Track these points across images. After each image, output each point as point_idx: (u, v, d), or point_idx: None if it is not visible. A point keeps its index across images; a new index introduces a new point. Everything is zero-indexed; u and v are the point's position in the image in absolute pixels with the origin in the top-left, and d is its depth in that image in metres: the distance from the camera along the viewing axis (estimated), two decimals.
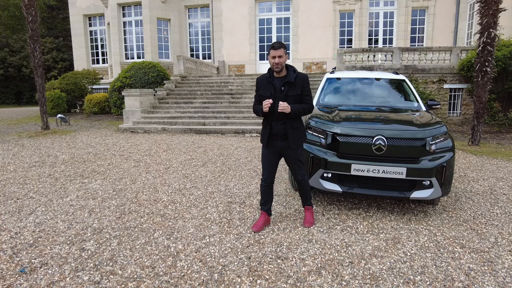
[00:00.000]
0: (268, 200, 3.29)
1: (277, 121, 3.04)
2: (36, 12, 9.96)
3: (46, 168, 5.74)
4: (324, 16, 15.81)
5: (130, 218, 3.56)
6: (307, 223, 3.33)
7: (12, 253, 2.82)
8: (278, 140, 3.10)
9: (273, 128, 3.07)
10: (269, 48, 2.98)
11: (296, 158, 3.17)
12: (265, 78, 3.10)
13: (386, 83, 5.20)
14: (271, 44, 2.95)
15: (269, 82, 3.06)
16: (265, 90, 3.05)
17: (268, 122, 3.09)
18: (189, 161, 6.22)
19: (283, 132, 3.06)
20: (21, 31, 19.24)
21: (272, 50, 2.92)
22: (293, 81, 2.99)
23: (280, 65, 2.92)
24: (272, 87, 3.03)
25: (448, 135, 3.65)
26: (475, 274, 2.53)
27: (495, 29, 7.54)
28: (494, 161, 6.34)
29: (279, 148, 3.12)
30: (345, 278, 2.46)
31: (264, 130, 3.14)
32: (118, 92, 12.92)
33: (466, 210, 3.83)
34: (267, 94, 3.04)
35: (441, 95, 11.07)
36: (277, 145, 3.11)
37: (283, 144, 3.09)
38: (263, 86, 3.08)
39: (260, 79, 3.14)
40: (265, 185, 3.24)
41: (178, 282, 2.41)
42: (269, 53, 2.96)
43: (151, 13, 15.75)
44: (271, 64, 2.97)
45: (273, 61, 2.93)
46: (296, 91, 3.01)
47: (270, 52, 2.94)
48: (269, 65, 3.03)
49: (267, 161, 3.19)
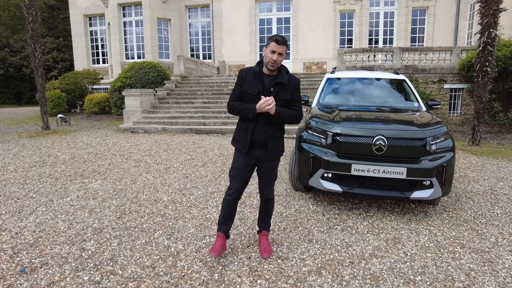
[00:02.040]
0: (230, 219, 2.74)
1: (260, 126, 2.55)
2: (36, 12, 9.97)
3: (46, 168, 5.74)
4: (324, 16, 15.80)
5: (130, 218, 3.56)
6: (267, 252, 2.75)
7: (13, 253, 2.82)
8: (257, 149, 2.60)
9: (255, 134, 2.56)
10: (269, 39, 2.47)
11: (273, 172, 2.71)
12: (252, 72, 2.56)
13: (387, 83, 5.20)
14: (274, 37, 2.44)
15: (257, 77, 2.54)
16: (252, 87, 2.52)
17: (250, 126, 2.56)
18: (189, 161, 6.22)
19: (264, 141, 2.57)
20: (22, 31, 19.25)
21: (274, 43, 2.42)
22: (286, 83, 2.54)
23: (277, 64, 2.47)
24: (260, 85, 2.52)
25: (449, 135, 3.65)
26: (475, 274, 2.53)
27: (496, 29, 7.54)
28: (494, 161, 6.33)
29: (257, 158, 2.62)
30: (345, 278, 2.46)
31: (243, 133, 2.58)
32: (119, 92, 12.92)
33: (466, 210, 3.83)
34: (253, 92, 2.51)
35: (442, 95, 11.06)
36: (255, 155, 2.61)
37: (261, 155, 2.61)
38: (249, 81, 2.54)
39: (245, 71, 2.58)
40: (231, 199, 2.67)
41: (179, 282, 2.41)
42: (268, 45, 2.46)
43: (151, 13, 15.75)
44: (267, 59, 2.46)
45: (272, 57, 2.43)
46: (287, 95, 2.56)
47: (271, 45, 2.43)
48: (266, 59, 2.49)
49: (241, 172, 2.63)
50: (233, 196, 2.67)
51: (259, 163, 2.66)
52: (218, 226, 2.75)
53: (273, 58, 2.43)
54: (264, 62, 2.52)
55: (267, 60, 2.48)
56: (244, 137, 2.58)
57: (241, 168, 2.64)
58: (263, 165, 2.66)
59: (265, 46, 2.50)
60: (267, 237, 2.88)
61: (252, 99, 2.50)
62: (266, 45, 2.49)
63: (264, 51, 2.51)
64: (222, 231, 2.73)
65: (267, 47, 2.47)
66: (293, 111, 2.60)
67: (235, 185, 2.66)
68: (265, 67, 2.54)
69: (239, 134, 2.63)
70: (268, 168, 2.68)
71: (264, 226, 2.90)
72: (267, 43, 2.48)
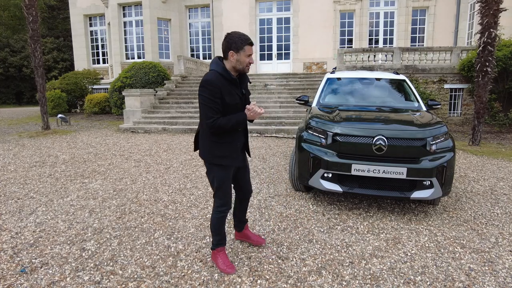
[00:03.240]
0: (224, 232, 2.60)
1: (242, 132, 2.51)
2: (36, 12, 9.97)
3: (46, 168, 5.74)
4: (324, 16, 15.80)
5: (130, 218, 3.56)
6: (262, 239, 2.91)
7: (13, 253, 2.82)
8: (240, 155, 2.52)
9: (240, 141, 2.47)
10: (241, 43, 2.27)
11: (248, 167, 2.70)
12: (224, 79, 2.29)
13: (387, 83, 5.20)
14: (247, 40, 2.28)
15: (232, 84, 2.34)
16: (231, 95, 2.31)
17: (236, 137, 2.43)
18: (189, 161, 6.22)
19: (244, 142, 2.55)
20: (22, 31, 19.25)
21: (250, 46, 2.29)
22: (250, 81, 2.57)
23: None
24: (237, 91, 2.36)
25: (449, 135, 3.65)
26: (475, 274, 2.53)
27: (496, 29, 7.54)
28: (494, 161, 6.33)
29: (241, 162, 2.53)
30: (345, 278, 2.46)
31: (230, 147, 2.41)
32: (119, 92, 12.92)
33: (466, 210, 3.83)
34: (236, 101, 2.34)
35: (442, 95, 11.06)
36: (240, 160, 2.51)
37: (243, 157, 2.57)
38: (227, 91, 2.29)
39: (218, 81, 2.25)
40: (224, 216, 2.52)
41: (179, 282, 2.41)
42: (242, 49, 2.27)
43: (151, 13, 15.75)
44: (244, 64, 2.31)
45: (249, 60, 2.31)
46: (249, 93, 2.56)
47: (247, 49, 2.28)
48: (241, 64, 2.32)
49: (229, 185, 2.49)
50: (229, 209, 2.54)
51: (241, 165, 2.54)
52: (220, 243, 2.57)
53: (250, 61, 2.33)
54: (237, 66, 2.32)
55: (243, 64, 2.31)
56: (232, 150, 2.42)
57: (228, 181, 2.47)
58: (245, 164, 2.62)
59: (236, 51, 2.27)
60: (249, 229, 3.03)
61: (234, 108, 2.34)
62: (238, 49, 2.27)
63: (234, 55, 2.28)
64: (223, 244, 2.61)
65: (242, 51, 2.27)
66: None
67: (228, 201, 2.50)
68: (233, 70, 2.34)
69: (225, 149, 2.38)
70: (247, 164, 2.66)
71: (244, 219, 2.89)
72: (240, 47, 2.26)
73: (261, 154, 6.85)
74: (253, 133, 9.41)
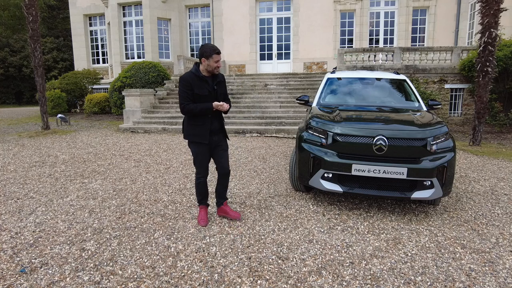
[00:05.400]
0: (207, 194, 3.47)
1: (215, 119, 3.27)
2: (36, 12, 9.96)
3: (46, 168, 5.74)
4: (324, 16, 15.79)
5: (130, 218, 3.55)
6: (238, 215, 3.47)
7: (13, 253, 2.81)
8: (213, 136, 3.29)
9: (212, 125, 3.25)
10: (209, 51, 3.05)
11: (226, 149, 3.41)
12: (195, 76, 3.13)
13: (387, 83, 5.19)
14: (216, 50, 3.07)
15: (202, 80, 3.14)
16: (201, 89, 3.14)
17: (206, 121, 3.19)
18: (189, 161, 6.21)
19: (218, 127, 3.32)
20: (22, 31, 19.21)
21: (217, 55, 3.08)
22: (222, 80, 3.30)
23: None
24: (208, 86, 3.16)
25: (449, 135, 3.65)
26: (476, 275, 2.52)
27: (496, 29, 7.53)
28: (495, 161, 6.33)
29: (215, 142, 3.31)
30: (345, 279, 2.45)
31: (201, 128, 3.19)
32: (119, 92, 12.91)
33: (467, 211, 3.82)
34: (204, 93, 3.15)
35: (442, 95, 11.05)
36: (213, 141, 3.29)
37: (217, 138, 3.33)
38: (197, 86, 3.13)
39: (190, 78, 3.13)
40: (203, 181, 3.38)
41: (179, 282, 2.41)
42: (210, 57, 3.05)
43: (151, 13, 15.74)
44: (212, 67, 3.10)
45: (216, 65, 3.11)
46: (223, 89, 3.31)
47: (214, 57, 3.06)
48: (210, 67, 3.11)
49: (203, 158, 3.31)
50: (204, 178, 3.37)
51: (217, 144, 3.33)
52: (200, 202, 3.45)
53: (217, 65, 3.12)
54: (207, 68, 3.12)
55: (212, 68, 3.10)
56: (202, 130, 3.20)
57: (203, 155, 3.29)
58: (220, 143, 3.36)
59: (205, 57, 3.06)
60: (228, 206, 3.58)
61: (205, 99, 3.15)
62: (207, 56, 3.05)
63: (205, 61, 3.08)
64: (203, 204, 3.47)
65: (211, 58, 3.05)
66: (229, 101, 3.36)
67: (202, 170, 3.35)
68: (205, 71, 3.14)
69: (196, 129, 3.21)
70: (224, 145, 3.40)
71: (224, 196, 3.54)
72: (209, 55, 3.05)
73: (261, 154, 6.84)
74: (253, 133, 9.40)
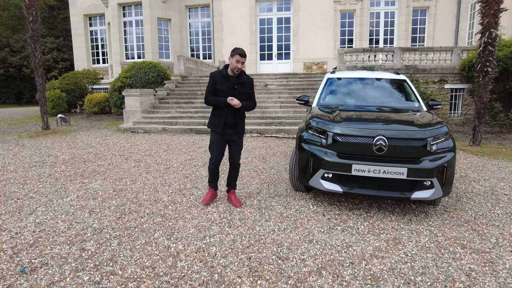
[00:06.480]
0: (215, 178, 3.90)
1: (230, 113, 3.60)
2: (36, 12, 9.96)
3: (46, 168, 5.74)
4: (324, 16, 15.80)
5: (130, 218, 3.55)
6: (239, 203, 3.85)
7: (13, 253, 2.81)
8: (228, 129, 3.65)
9: (226, 118, 3.60)
10: (233, 52, 3.46)
11: (240, 144, 3.79)
12: (221, 74, 3.57)
13: (387, 83, 5.19)
14: (239, 51, 3.44)
15: (225, 78, 3.55)
16: (222, 85, 3.55)
17: (222, 113, 3.59)
18: (189, 161, 6.21)
19: (233, 122, 3.64)
20: (22, 31, 19.22)
21: (240, 56, 3.44)
22: (245, 82, 3.62)
23: (240, 70, 3.53)
24: (228, 84, 3.56)
25: (449, 135, 3.65)
26: (476, 275, 2.52)
27: (496, 29, 7.53)
28: (495, 162, 6.33)
29: (228, 135, 3.67)
30: (345, 279, 2.45)
31: (218, 119, 3.62)
32: (119, 92, 12.91)
33: (467, 211, 3.82)
34: (224, 89, 3.55)
35: (442, 95, 11.05)
36: (227, 133, 3.66)
37: (232, 132, 3.68)
38: (219, 82, 3.55)
39: (216, 74, 3.58)
40: (213, 167, 3.79)
41: (179, 282, 2.41)
42: (233, 56, 3.46)
43: (151, 13, 15.75)
44: (233, 66, 3.49)
45: (237, 65, 3.47)
46: (246, 90, 3.64)
47: (237, 57, 3.44)
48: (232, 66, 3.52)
49: (217, 147, 3.69)
50: (215, 164, 3.77)
51: (230, 138, 3.72)
52: (209, 183, 3.93)
53: (238, 66, 3.48)
54: (231, 67, 3.54)
55: (233, 66, 3.50)
56: (218, 121, 3.63)
57: (217, 143, 3.70)
58: (233, 139, 3.73)
59: (230, 55, 3.51)
60: (235, 193, 3.98)
61: (224, 94, 3.55)
62: (232, 55, 3.48)
63: (230, 59, 3.52)
64: (212, 186, 3.94)
65: (233, 57, 3.47)
66: (250, 101, 3.72)
67: (214, 156, 3.74)
68: (230, 70, 3.55)
69: (214, 119, 3.67)
70: (237, 141, 3.76)
71: (233, 185, 3.97)
72: (233, 54, 3.48)
73: (261, 154, 6.84)
74: (253, 133, 9.40)
